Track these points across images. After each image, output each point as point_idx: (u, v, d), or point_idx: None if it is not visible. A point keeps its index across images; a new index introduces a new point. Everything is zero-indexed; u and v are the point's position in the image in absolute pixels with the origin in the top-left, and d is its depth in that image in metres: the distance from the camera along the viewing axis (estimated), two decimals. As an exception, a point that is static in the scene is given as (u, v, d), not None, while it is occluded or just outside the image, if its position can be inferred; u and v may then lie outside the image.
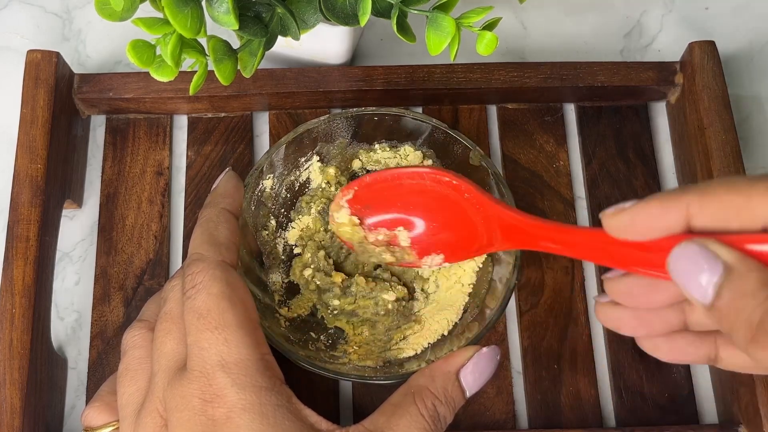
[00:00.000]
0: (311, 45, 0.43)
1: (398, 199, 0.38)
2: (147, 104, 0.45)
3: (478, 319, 0.38)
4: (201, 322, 0.31)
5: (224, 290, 0.31)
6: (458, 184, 0.36)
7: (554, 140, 0.46)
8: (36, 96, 0.41)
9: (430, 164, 0.42)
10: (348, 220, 0.39)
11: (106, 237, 0.44)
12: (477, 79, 0.44)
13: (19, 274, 0.38)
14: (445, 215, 0.38)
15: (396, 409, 0.32)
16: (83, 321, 0.43)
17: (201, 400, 0.30)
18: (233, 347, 0.30)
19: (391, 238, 0.39)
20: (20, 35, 0.50)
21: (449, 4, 0.34)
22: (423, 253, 0.39)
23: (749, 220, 0.24)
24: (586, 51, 0.50)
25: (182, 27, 0.30)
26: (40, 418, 0.38)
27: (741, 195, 0.24)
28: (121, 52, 0.49)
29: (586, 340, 0.42)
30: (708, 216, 0.25)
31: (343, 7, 0.35)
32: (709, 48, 0.44)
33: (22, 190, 0.40)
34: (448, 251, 0.38)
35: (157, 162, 0.45)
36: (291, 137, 0.40)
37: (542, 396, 0.41)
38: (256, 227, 0.41)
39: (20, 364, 0.37)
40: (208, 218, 0.35)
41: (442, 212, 0.38)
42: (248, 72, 0.35)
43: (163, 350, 0.32)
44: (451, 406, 0.33)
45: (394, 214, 0.39)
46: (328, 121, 0.40)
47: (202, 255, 0.33)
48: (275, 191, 0.41)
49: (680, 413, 0.41)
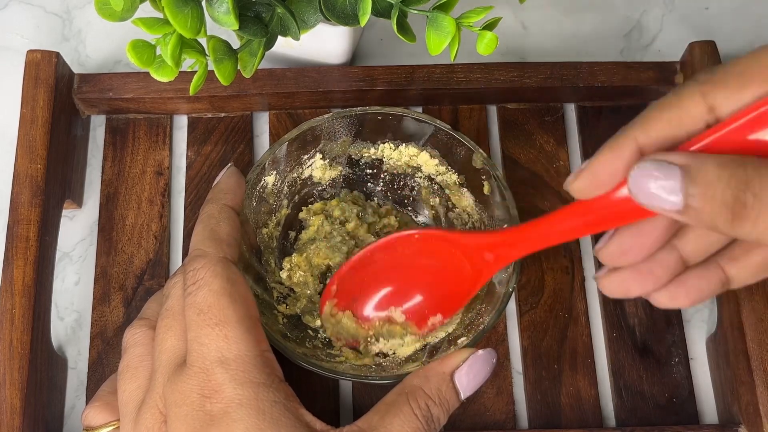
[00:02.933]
0: (311, 45, 0.43)
1: (378, 277, 0.38)
2: (147, 104, 0.45)
3: (475, 322, 0.38)
4: (201, 318, 0.31)
5: (225, 286, 0.32)
6: (425, 234, 0.37)
7: (554, 140, 0.46)
8: (36, 96, 0.42)
9: (436, 164, 0.42)
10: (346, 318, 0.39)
11: (106, 237, 0.44)
12: (477, 79, 0.44)
13: (19, 274, 0.38)
14: (429, 274, 0.37)
15: (390, 409, 0.32)
16: (83, 321, 0.43)
17: (200, 396, 0.30)
18: (233, 343, 0.30)
19: (387, 319, 0.39)
20: (20, 35, 0.50)
21: (449, 4, 0.34)
22: (422, 322, 0.38)
23: (692, 125, 0.26)
24: (586, 51, 0.50)
25: (182, 27, 0.30)
26: (40, 418, 0.38)
27: (674, 107, 0.26)
28: (121, 52, 0.49)
29: (586, 340, 0.42)
30: (655, 139, 0.26)
31: (343, 7, 0.35)
32: (709, 48, 0.44)
33: (22, 190, 0.40)
34: (443, 308, 0.38)
35: (157, 162, 0.45)
36: (294, 134, 0.40)
37: (542, 396, 0.41)
38: (257, 223, 0.41)
39: (20, 364, 0.37)
40: (210, 214, 0.35)
41: (425, 273, 0.38)
42: (248, 72, 0.35)
43: (164, 346, 0.32)
44: (444, 408, 0.33)
45: (382, 291, 0.39)
46: (332, 119, 0.40)
47: (203, 251, 0.33)
48: (277, 188, 0.42)
49: (680, 413, 0.41)
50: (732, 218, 0.24)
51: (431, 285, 0.38)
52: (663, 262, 0.30)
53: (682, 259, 0.30)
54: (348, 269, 0.38)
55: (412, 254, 0.37)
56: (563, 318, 0.43)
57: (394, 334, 0.38)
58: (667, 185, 0.24)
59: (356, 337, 0.39)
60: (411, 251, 0.37)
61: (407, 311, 0.38)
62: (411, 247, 0.37)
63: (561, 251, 0.44)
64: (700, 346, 0.43)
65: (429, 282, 0.38)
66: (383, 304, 0.39)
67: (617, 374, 0.42)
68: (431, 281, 0.38)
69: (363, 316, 0.39)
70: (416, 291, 0.38)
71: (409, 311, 0.38)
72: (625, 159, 0.26)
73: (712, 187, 0.24)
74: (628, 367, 0.42)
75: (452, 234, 0.36)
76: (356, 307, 0.39)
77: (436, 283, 0.38)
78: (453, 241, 0.36)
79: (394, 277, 0.38)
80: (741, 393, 0.39)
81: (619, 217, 0.28)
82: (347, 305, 0.39)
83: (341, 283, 0.39)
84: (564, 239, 0.32)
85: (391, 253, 0.38)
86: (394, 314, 0.38)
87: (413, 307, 0.38)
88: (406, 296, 0.38)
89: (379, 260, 0.38)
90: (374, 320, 0.38)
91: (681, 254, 0.30)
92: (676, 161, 0.25)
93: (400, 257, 0.38)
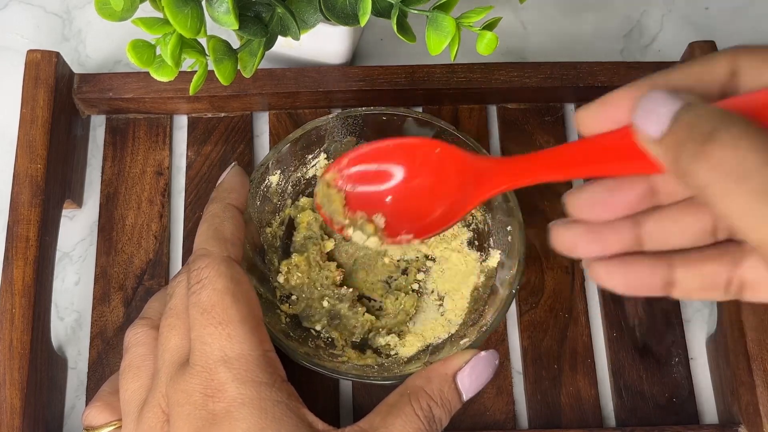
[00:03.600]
0: (311, 45, 0.43)
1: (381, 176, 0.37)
2: (147, 104, 0.45)
3: (478, 323, 0.38)
4: (205, 317, 0.31)
5: (229, 286, 0.32)
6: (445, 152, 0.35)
7: (554, 140, 0.46)
8: (36, 96, 0.42)
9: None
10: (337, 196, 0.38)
11: (106, 237, 0.44)
12: (477, 79, 0.44)
13: (19, 274, 0.38)
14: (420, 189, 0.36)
15: (391, 409, 0.32)
16: (83, 321, 0.43)
17: (202, 395, 0.30)
18: (236, 343, 0.30)
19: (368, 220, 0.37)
20: (20, 35, 0.50)
21: (449, 4, 0.34)
22: (393, 233, 0.37)
23: (710, 81, 0.25)
24: (586, 51, 0.50)
25: (182, 27, 0.30)
26: (40, 418, 0.38)
27: (701, 62, 0.26)
28: (121, 52, 0.49)
29: (586, 340, 0.42)
30: (672, 86, 0.26)
31: (343, 7, 0.35)
32: (709, 48, 0.44)
33: (22, 190, 0.40)
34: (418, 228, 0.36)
35: (157, 162, 0.45)
36: (299, 134, 0.40)
37: (542, 396, 0.41)
38: (261, 223, 0.41)
39: (20, 364, 0.37)
40: (214, 213, 0.35)
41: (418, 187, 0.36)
42: (248, 72, 0.35)
43: (168, 345, 0.32)
44: (446, 409, 0.33)
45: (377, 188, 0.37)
46: (336, 119, 0.40)
47: (207, 250, 0.33)
48: (281, 187, 0.42)
49: (680, 413, 0.41)
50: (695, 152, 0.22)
51: (418, 202, 0.36)
52: (619, 230, 0.29)
53: (639, 238, 0.29)
54: (360, 155, 0.37)
55: (417, 166, 0.36)
56: (563, 318, 0.43)
57: (365, 232, 0.37)
58: (665, 109, 0.24)
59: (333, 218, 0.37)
60: (419, 162, 0.36)
61: (388, 219, 0.37)
62: (422, 157, 0.36)
63: (561, 251, 0.44)
64: (700, 346, 0.43)
65: (418, 198, 0.36)
66: (373, 203, 0.37)
67: (617, 374, 0.42)
68: (420, 198, 0.36)
69: (352, 205, 0.37)
70: (404, 202, 0.37)
71: (390, 219, 0.37)
72: (637, 96, 0.26)
73: (700, 119, 0.23)
74: (628, 367, 0.42)
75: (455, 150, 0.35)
76: (351, 194, 0.37)
77: (423, 202, 0.36)
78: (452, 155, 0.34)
79: (393, 182, 0.37)
80: (741, 393, 0.39)
81: (612, 162, 0.27)
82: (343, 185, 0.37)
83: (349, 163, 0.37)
84: (557, 177, 0.30)
85: (403, 156, 0.36)
86: (377, 219, 0.37)
87: (394, 215, 0.37)
88: (395, 203, 0.37)
89: (391, 158, 0.37)
90: (357, 215, 0.37)
91: (640, 233, 0.29)
92: (686, 98, 0.24)
93: (408, 164, 0.36)
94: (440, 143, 0.35)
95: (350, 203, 0.37)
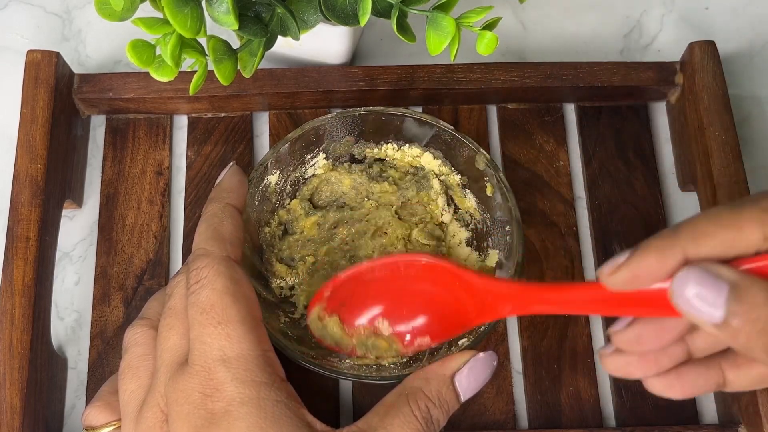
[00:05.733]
0: (311, 45, 0.43)
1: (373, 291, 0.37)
2: (147, 104, 0.45)
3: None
4: (204, 317, 0.31)
5: (228, 286, 0.32)
6: (432, 264, 0.35)
7: (554, 140, 0.46)
8: (36, 96, 0.42)
9: (439, 164, 0.42)
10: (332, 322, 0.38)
11: (106, 237, 0.44)
12: (477, 79, 0.45)
13: (19, 274, 0.38)
14: (425, 298, 0.36)
15: (389, 410, 0.32)
16: (83, 321, 0.43)
17: (201, 394, 0.30)
18: (235, 342, 0.30)
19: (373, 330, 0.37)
20: (20, 35, 0.50)
21: (449, 4, 0.34)
22: (408, 340, 0.37)
23: (744, 248, 0.25)
24: (586, 51, 0.50)
25: (182, 27, 0.30)
26: (40, 418, 0.38)
27: (731, 228, 0.25)
28: (121, 52, 0.49)
29: (586, 340, 0.42)
30: (705, 255, 0.26)
31: (343, 7, 0.35)
32: (709, 48, 0.44)
33: (22, 190, 0.40)
34: (433, 332, 0.37)
35: (157, 162, 0.45)
36: (298, 134, 0.40)
37: (542, 396, 0.41)
38: (259, 222, 0.41)
39: (20, 364, 0.37)
40: (213, 213, 0.35)
41: (422, 296, 0.36)
42: (248, 72, 0.35)
43: (167, 345, 0.32)
44: (444, 410, 0.33)
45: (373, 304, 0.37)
46: (335, 119, 0.40)
47: (206, 250, 0.33)
48: (280, 187, 0.42)
49: (680, 413, 0.41)
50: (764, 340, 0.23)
51: (426, 308, 0.36)
52: (671, 352, 0.30)
53: (689, 353, 0.30)
54: (344, 279, 0.37)
55: (413, 276, 0.36)
56: (563, 318, 0.43)
57: (379, 348, 0.37)
58: (710, 297, 0.24)
59: (340, 343, 0.37)
60: (413, 273, 0.36)
61: (395, 325, 0.37)
62: (414, 269, 0.36)
63: (561, 251, 0.44)
64: (700, 346, 0.43)
65: (424, 305, 0.36)
66: (368, 307, 0.37)
67: (617, 374, 0.42)
68: (427, 304, 0.36)
69: (350, 322, 0.37)
70: (409, 310, 0.37)
71: (397, 326, 0.37)
72: (669, 266, 0.26)
73: (757, 310, 0.23)
74: (628, 367, 0.42)
75: (462, 270, 0.35)
76: (344, 312, 0.37)
77: (432, 308, 0.36)
78: (461, 277, 0.35)
79: (390, 293, 0.37)
80: (741, 393, 0.39)
81: (645, 310, 0.28)
82: (335, 309, 0.37)
83: (334, 292, 0.37)
84: (578, 312, 0.31)
85: (393, 271, 0.36)
86: (381, 326, 0.37)
87: (402, 323, 0.37)
88: (398, 313, 0.37)
89: (379, 276, 0.37)
90: (359, 328, 0.37)
91: (690, 349, 0.30)
92: (725, 276, 0.24)
93: (400, 276, 0.36)
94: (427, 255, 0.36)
95: (346, 320, 0.38)
